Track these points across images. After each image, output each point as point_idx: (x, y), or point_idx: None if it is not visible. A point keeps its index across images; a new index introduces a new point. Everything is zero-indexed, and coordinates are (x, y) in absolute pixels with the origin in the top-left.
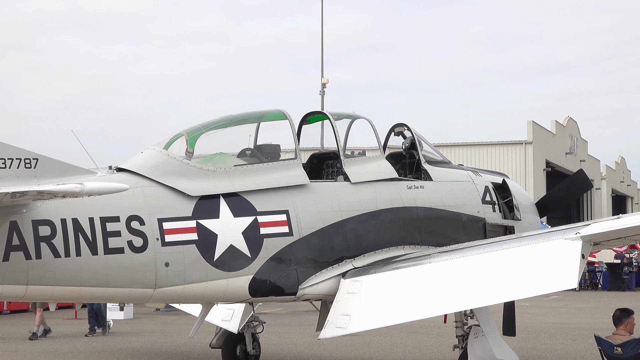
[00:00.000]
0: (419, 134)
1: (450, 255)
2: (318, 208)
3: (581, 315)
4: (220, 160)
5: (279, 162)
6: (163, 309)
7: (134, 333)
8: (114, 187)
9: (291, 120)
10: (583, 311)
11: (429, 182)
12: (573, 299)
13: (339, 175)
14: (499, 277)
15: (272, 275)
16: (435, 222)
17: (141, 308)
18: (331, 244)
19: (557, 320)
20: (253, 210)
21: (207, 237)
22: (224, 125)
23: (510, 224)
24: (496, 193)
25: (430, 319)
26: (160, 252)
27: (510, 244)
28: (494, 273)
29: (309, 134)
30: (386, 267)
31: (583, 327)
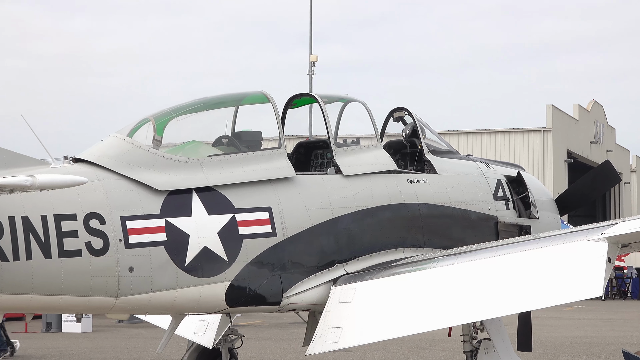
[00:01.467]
0: (422, 120)
1: (457, 258)
2: (305, 205)
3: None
4: (193, 149)
5: (260, 152)
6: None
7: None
8: (70, 181)
9: (274, 104)
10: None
11: (432, 175)
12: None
13: (330, 167)
14: (513, 284)
15: (252, 281)
16: (440, 221)
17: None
18: (320, 246)
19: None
20: (230, 207)
21: (177, 238)
22: (197, 110)
23: (526, 223)
24: (510, 188)
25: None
26: (123, 255)
27: (526, 246)
28: (508, 279)
29: (295, 120)
30: (383, 273)
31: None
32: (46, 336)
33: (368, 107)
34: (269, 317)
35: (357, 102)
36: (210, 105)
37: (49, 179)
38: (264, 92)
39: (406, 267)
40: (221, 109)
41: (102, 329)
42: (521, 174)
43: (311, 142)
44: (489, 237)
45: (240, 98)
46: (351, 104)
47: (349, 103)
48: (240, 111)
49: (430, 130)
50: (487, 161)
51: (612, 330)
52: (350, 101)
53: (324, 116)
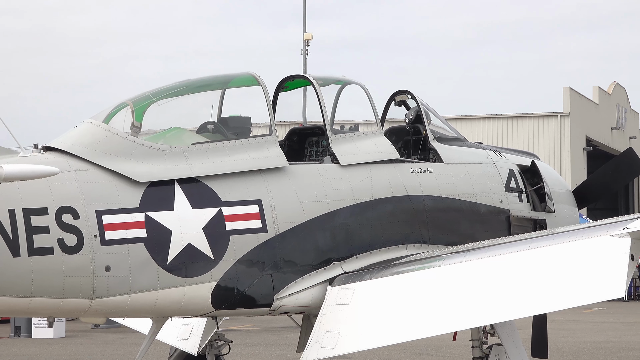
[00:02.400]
0: (426, 104)
1: (466, 256)
2: (299, 197)
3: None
4: (175, 137)
5: (249, 140)
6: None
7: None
8: (40, 171)
9: (265, 87)
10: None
11: (438, 165)
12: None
13: (325, 155)
14: (527, 284)
15: (241, 281)
16: (447, 215)
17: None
18: (315, 242)
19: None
20: (217, 200)
21: (158, 234)
22: (180, 93)
23: (541, 217)
24: (523, 178)
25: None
26: (99, 253)
27: (541, 242)
28: (521, 279)
29: (288, 104)
30: (384, 272)
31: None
32: (15, 342)
33: (367, 90)
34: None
35: (356, 84)
36: (194, 88)
37: (17, 169)
38: (253, 74)
39: (409, 265)
40: (206, 93)
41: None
42: (536, 163)
43: (305, 129)
44: (501, 232)
45: (227, 80)
46: (349, 87)
47: (346, 85)
48: (227, 95)
49: (435, 115)
50: (498, 149)
51: (636, 334)
52: (348, 83)
53: (319, 100)
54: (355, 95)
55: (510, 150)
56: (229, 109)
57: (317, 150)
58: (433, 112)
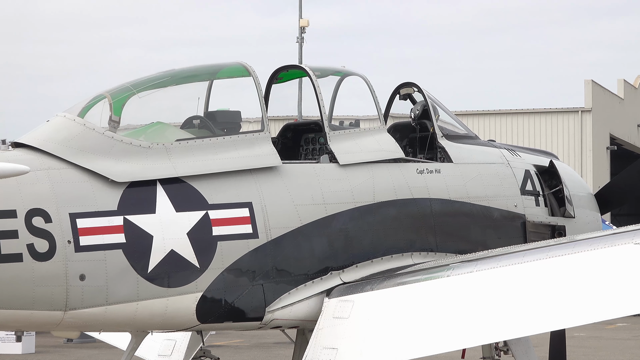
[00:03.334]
0: (434, 98)
1: (477, 265)
2: (293, 200)
3: None
4: (158, 132)
5: (239, 136)
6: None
7: None
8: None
9: (256, 78)
10: None
11: (447, 165)
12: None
13: (323, 154)
14: (544, 296)
15: (229, 292)
16: (456, 220)
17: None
18: (311, 249)
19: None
20: (203, 202)
21: (138, 239)
22: (163, 85)
23: (560, 223)
24: (541, 180)
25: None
26: (73, 261)
27: (560, 250)
28: (537, 291)
29: (282, 97)
30: (387, 282)
31: None
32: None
33: (369, 82)
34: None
35: (357, 75)
36: (178, 80)
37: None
38: (243, 64)
39: (415, 275)
40: (192, 84)
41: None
42: (554, 163)
43: (300, 125)
44: (515, 239)
45: (214, 71)
46: (349, 79)
47: (346, 77)
48: (215, 86)
49: (444, 110)
50: (513, 148)
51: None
52: (348, 75)
53: (316, 93)
54: (356, 88)
55: (526, 149)
56: (217, 102)
57: (314, 148)
58: (441, 107)
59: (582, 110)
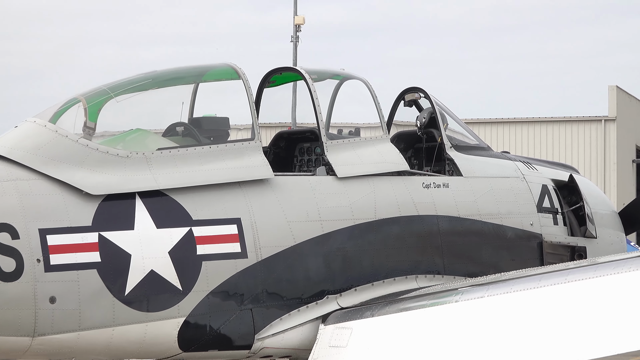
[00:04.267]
0: (442, 105)
1: (488, 290)
2: (286, 216)
3: None
4: (138, 140)
5: (227, 145)
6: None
7: None
8: None
9: (246, 81)
10: None
11: (456, 178)
12: None
13: (319, 165)
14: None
15: (214, 318)
16: (466, 240)
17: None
18: (306, 271)
19: None
20: (186, 218)
21: (115, 258)
22: (144, 87)
23: (581, 244)
24: (559, 196)
25: None
26: (42, 281)
27: (581, 273)
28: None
29: (274, 103)
30: (389, 308)
31: None
32: None
33: (371, 87)
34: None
35: (357, 79)
36: (161, 82)
37: None
38: (232, 66)
39: (420, 300)
40: (175, 87)
41: None
42: (574, 178)
43: (295, 133)
44: (531, 261)
45: (201, 73)
46: (349, 83)
47: (345, 81)
48: (201, 90)
49: (453, 118)
50: (529, 160)
51: None
52: (348, 78)
53: (312, 98)
54: (356, 93)
55: (543, 161)
56: (203, 107)
57: (309, 159)
58: (450, 115)
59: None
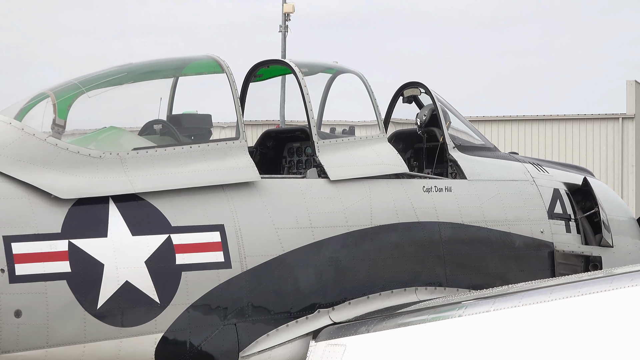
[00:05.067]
0: (444, 101)
1: (494, 303)
2: (274, 222)
3: None
4: (111, 139)
5: (209, 145)
6: None
7: None
8: None
9: (230, 75)
10: None
11: (460, 182)
12: None
13: (310, 167)
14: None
15: (195, 333)
16: (470, 249)
17: None
18: (295, 282)
19: None
20: (165, 224)
21: (86, 268)
22: (119, 82)
23: (596, 253)
24: (572, 201)
25: None
26: (7, 293)
27: (596, 286)
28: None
29: (261, 98)
30: (386, 323)
31: None
32: None
33: (367, 82)
34: None
35: (352, 73)
36: (137, 76)
37: None
38: (215, 58)
39: (420, 315)
40: (153, 81)
41: None
42: (589, 181)
43: (283, 132)
44: (541, 272)
45: (181, 66)
46: (342, 77)
47: (339, 75)
48: (181, 84)
49: (456, 116)
50: (539, 162)
51: None
52: (342, 72)
53: (303, 94)
54: (350, 88)
55: (555, 163)
56: (183, 103)
57: (299, 160)
58: (453, 112)
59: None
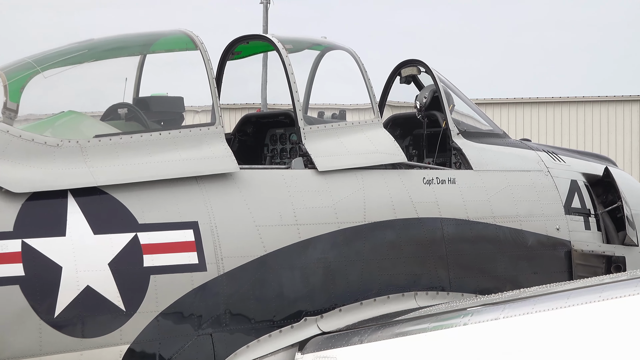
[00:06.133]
0: (447, 82)
1: (504, 310)
2: (254, 219)
3: None
4: (70, 125)
5: (180, 132)
6: None
7: None
8: None
9: (205, 52)
10: None
11: (465, 173)
12: None
13: (296, 156)
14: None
15: (165, 345)
16: (476, 248)
17: None
18: (279, 287)
19: None
20: (131, 221)
21: (42, 271)
22: (78, 60)
23: (619, 253)
24: (592, 194)
25: None
26: None
27: (618, 290)
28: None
29: (240, 78)
30: (382, 333)
31: None
32: None
33: (359, 59)
34: None
35: (342, 50)
36: (99, 53)
37: None
38: (186, 33)
39: (420, 323)
40: (117, 60)
41: None
42: (610, 171)
43: (265, 116)
44: (557, 274)
45: (148, 42)
46: (332, 54)
47: (328, 52)
48: (149, 63)
49: (461, 98)
50: (554, 150)
51: None
52: (331, 49)
53: (287, 73)
54: (341, 67)
55: (572, 151)
56: (151, 84)
57: (283, 148)
58: (457, 93)
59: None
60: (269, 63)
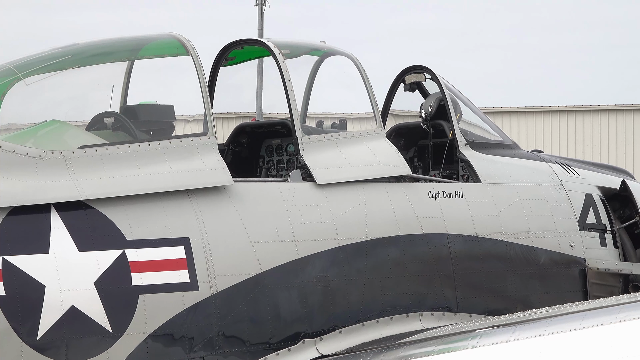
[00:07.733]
0: (454, 89)
1: (515, 332)
2: (249, 235)
3: None
4: (54, 135)
5: (171, 142)
6: None
7: None
8: None
9: (197, 57)
10: None
11: (473, 186)
12: None
13: (293, 168)
14: None
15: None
16: (485, 267)
17: None
18: (275, 307)
19: None
20: (118, 238)
21: (24, 291)
22: (62, 66)
23: (637, 271)
24: (608, 209)
25: None
26: None
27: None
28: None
29: (234, 86)
30: (385, 356)
31: None
32: None
33: (360, 65)
34: None
35: (342, 55)
36: (84, 59)
37: None
38: (177, 37)
39: (425, 346)
40: (103, 66)
41: None
42: (627, 184)
43: (261, 126)
44: (571, 293)
45: (137, 47)
46: (331, 60)
47: (327, 57)
48: (138, 69)
49: (468, 107)
50: (568, 162)
51: None
52: (331, 54)
53: (284, 80)
54: (341, 73)
55: (587, 163)
56: (140, 92)
57: (280, 159)
58: (464, 102)
59: None
60: (265, 69)
